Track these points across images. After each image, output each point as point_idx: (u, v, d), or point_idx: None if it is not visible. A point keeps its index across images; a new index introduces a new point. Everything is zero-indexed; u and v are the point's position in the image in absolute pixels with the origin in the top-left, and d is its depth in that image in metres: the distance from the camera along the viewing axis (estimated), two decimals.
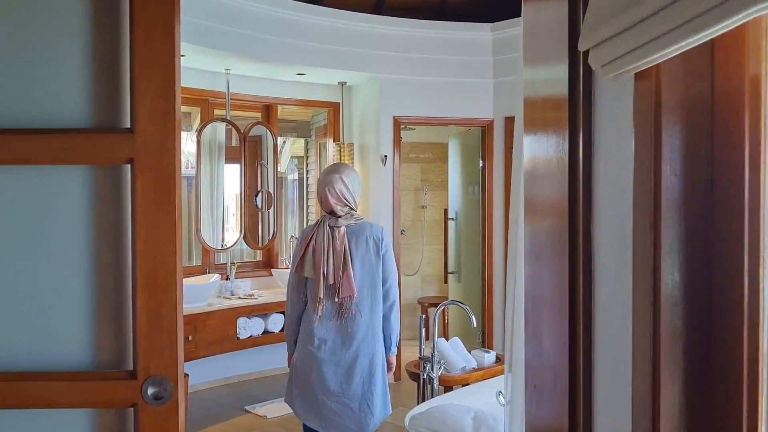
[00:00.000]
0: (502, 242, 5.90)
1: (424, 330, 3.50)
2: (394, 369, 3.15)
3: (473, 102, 5.92)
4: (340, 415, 2.94)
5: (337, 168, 3.12)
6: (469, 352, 3.98)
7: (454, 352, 3.84)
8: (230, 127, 5.59)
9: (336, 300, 2.92)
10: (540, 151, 1.32)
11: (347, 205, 3.01)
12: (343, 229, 2.95)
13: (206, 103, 5.67)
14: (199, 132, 5.29)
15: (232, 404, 5.19)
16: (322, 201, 3.01)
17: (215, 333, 4.90)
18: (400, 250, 5.85)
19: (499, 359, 4.00)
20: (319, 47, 5.42)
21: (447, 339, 4.43)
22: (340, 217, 2.98)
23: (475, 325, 3.29)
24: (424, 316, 3.48)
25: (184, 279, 4.69)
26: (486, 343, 5.95)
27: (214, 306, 4.97)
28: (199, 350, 4.78)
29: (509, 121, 5.83)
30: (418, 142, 7.68)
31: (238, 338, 5.10)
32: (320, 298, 2.92)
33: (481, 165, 6.05)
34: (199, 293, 4.91)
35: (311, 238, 2.97)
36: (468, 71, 5.87)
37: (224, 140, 5.81)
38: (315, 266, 2.93)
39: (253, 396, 5.35)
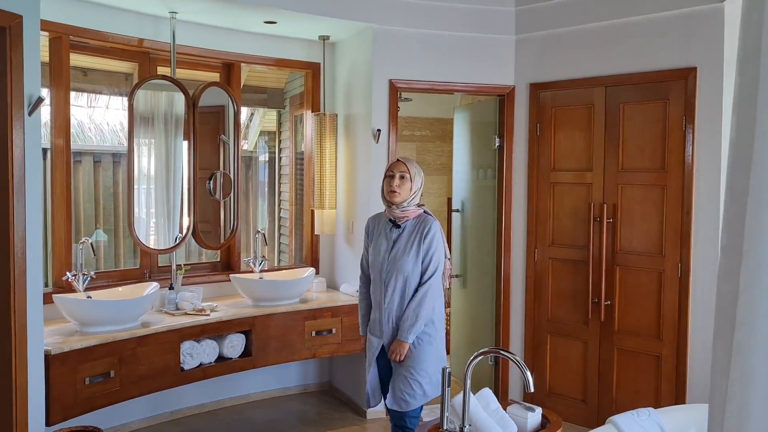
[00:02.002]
0: (524, 240, 4.69)
1: (448, 389, 2.28)
2: None
3: (489, 64, 4.68)
4: None
5: None
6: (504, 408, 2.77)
7: (486, 414, 2.63)
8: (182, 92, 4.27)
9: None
10: None
11: None
12: None
13: (146, 57, 4.35)
14: (131, 94, 3.98)
15: None
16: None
17: (150, 364, 3.63)
18: None
19: (546, 420, 2.80)
20: None
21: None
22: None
23: (532, 390, 2.08)
24: (448, 370, 2.26)
25: (109, 289, 3.41)
26: (501, 378, 4.74)
27: (150, 326, 3.71)
28: (124, 390, 3.51)
29: (536, 89, 4.59)
30: (414, 117, 6.44)
31: (182, 369, 3.84)
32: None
33: (497, 144, 4.81)
34: (127, 310, 3.64)
35: None
36: (483, 24, 4.62)
37: (183, 112, 4.50)
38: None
39: None
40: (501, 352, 2.20)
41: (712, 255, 3.82)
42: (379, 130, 4.47)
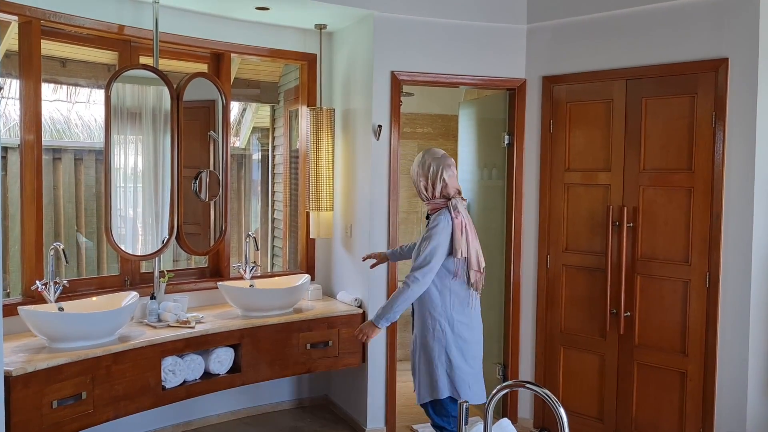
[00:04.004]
0: (535, 245, 4.36)
1: (467, 412, 1.97)
2: None
3: (498, 55, 4.34)
4: (481, 380, 3.22)
5: (442, 151, 3.25)
6: None
7: None
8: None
9: (480, 276, 3.15)
10: None
11: None
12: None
13: (127, 46, 4.01)
14: (108, 85, 3.63)
15: None
16: (450, 183, 3.13)
17: (127, 383, 3.29)
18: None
19: None
20: None
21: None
22: (464, 200, 3.17)
23: None
24: (466, 405, 1.94)
25: (84, 300, 3.02)
26: (510, 393, 4.41)
27: (128, 341, 3.36)
28: (97, 413, 3.16)
29: (549, 83, 4.26)
30: (415, 113, 6.11)
31: (164, 388, 3.49)
32: (481, 273, 3.14)
33: (507, 141, 4.48)
34: (101, 324, 3.29)
35: (462, 220, 3.07)
36: (492, 11, 4.28)
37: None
38: (469, 245, 3.08)
39: None
40: (526, 385, 1.87)
41: (743, 263, 3.49)
42: (380, 126, 4.13)
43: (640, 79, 3.86)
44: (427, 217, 3.20)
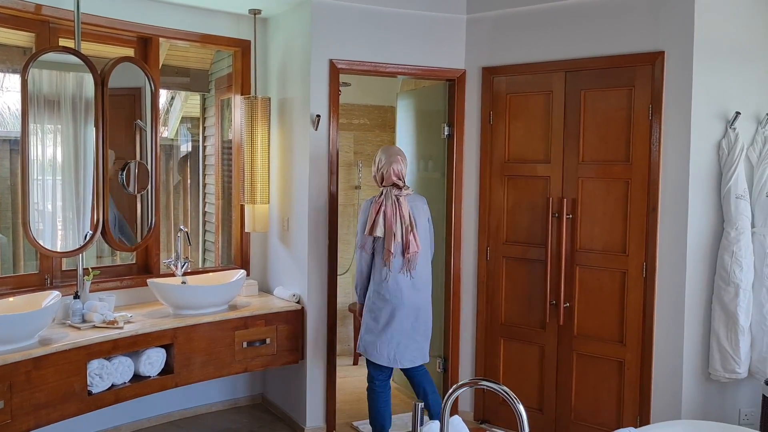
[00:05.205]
0: (475, 237, 4.33)
1: (422, 412, 1.89)
2: None
3: (438, 45, 4.28)
4: (409, 349, 3.61)
5: (396, 149, 3.74)
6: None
7: None
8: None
9: (405, 255, 3.54)
10: None
11: (402, 180, 3.62)
12: (404, 198, 3.58)
13: (45, 27, 3.72)
14: (24, 69, 3.37)
15: None
16: (387, 175, 3.60)
17: (50, 390, 3.06)
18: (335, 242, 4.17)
19: None
20: None
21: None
22: (401, 188, 3.60)
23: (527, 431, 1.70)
24: (421, 405, 1.86)
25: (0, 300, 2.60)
26: (450, 386, 4.37)
27: (50, 344, 3.13)
28: (17, 423, 2.92)
29: (488, 74, 4.23)
30: (351, 104, 5.99)
31: (90, 393, 3.27)
32: (392, 252, 3.52)
33: (446, 133, 4.43)
34: (20, 326, 3.04)
35: (381, 204, 3.55)
36: (433, 1, 4.21)
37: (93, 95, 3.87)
38: (386, 227, 3.52)
39: None
40: (481, 383, 1.80)
41: (679, 253, 3.55)
42: (318, 116, 4.00)
43: (579, 72, 3.88)
44: None
